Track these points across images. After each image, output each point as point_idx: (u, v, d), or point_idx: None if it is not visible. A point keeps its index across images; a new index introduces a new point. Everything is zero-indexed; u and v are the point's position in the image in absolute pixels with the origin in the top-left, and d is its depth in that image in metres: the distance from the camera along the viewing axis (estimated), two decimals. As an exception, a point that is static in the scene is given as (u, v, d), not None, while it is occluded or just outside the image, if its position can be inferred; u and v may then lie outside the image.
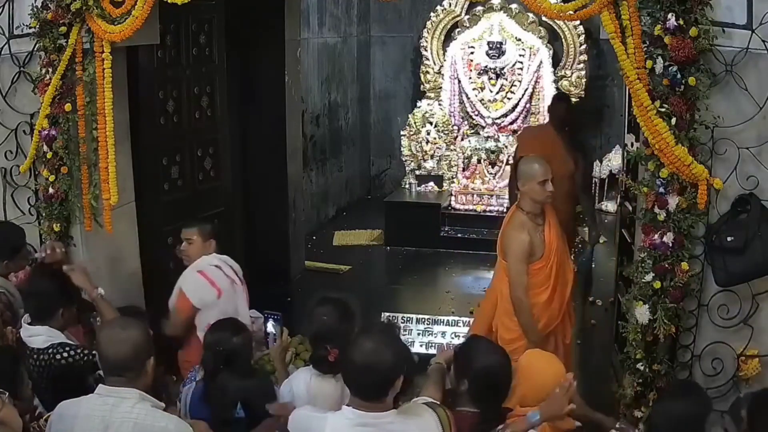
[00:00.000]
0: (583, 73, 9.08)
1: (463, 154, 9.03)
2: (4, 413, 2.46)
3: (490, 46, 8.92)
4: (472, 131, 9.23)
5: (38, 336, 3.37)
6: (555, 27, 9.01)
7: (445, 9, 9.35)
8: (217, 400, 3.26)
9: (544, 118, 8.90)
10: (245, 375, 3.34)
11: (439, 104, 9.24)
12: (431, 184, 9.21)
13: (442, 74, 9.30)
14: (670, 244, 3.50)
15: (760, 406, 2.83)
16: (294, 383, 3.23)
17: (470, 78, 9.12)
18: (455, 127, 9.25)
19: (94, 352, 3.26)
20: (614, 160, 9.16)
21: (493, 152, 8.94)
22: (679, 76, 3.34)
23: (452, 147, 9.14)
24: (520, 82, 8.96)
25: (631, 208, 4.78)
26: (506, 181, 8.82)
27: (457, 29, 9.34)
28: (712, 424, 3.23)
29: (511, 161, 8.87)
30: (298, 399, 3.12)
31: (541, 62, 8.88)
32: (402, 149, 9.35)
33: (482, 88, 9.11)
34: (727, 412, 3.05)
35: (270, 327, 3.84)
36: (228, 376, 3.28)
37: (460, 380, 2.96)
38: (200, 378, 3.43)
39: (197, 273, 4.08)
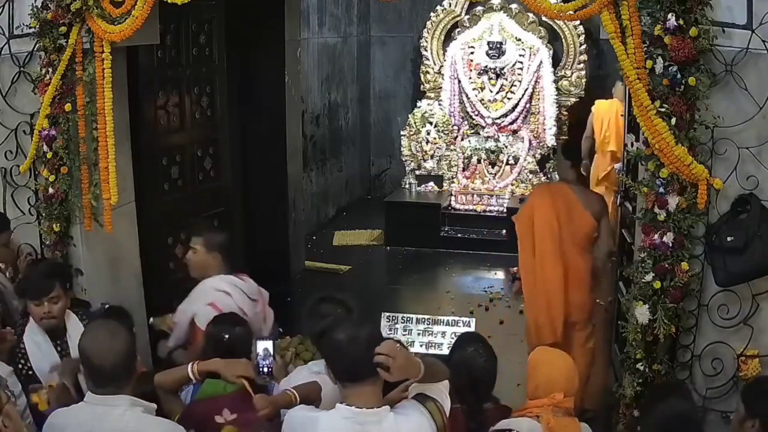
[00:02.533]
0: (583, 73, 9.07)
1: (463, 154, 9.04)
2: (8, 408, 2.46)
3: (490, 46, 8.92)
4: (472, 131, 9.23)
5: None
6: (555, 27, 9.01)
7: (445, 9, 9.35)
8: None
9: (544, 118, 8.93)
10: None
11: (439, 104, 9.23)
12: (431, 184, 9.21)
13: (442, 74, 9.29)
14: (670, 244, 3.50)
15: (759, 392, 2.85)
16: (294, 381, 3.22)
17: (470, 78, 9.12)
18: (455, 127, 9.25)
19: None
20: (614, 160, 9.17)
21: (493, 152, 8.94)
22: (679, 76, 3.34)
23: (452, 147, 9.14)
24: (520, 82, 8.96)
25: (631, 208, 4.78)
26: (506, 181, 8.87)
27: (457, 29, 9.34)
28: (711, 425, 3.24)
29: (511, 161, 8.94)
30: None
31: (541, 62, 8.88)
32: (402, 149, 9.35)
33: (482, 88, 9.10)
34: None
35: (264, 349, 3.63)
36: None
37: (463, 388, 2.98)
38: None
39: (208, 306, 3.77)
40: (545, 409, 2.89)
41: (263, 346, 3.31)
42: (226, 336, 3.31)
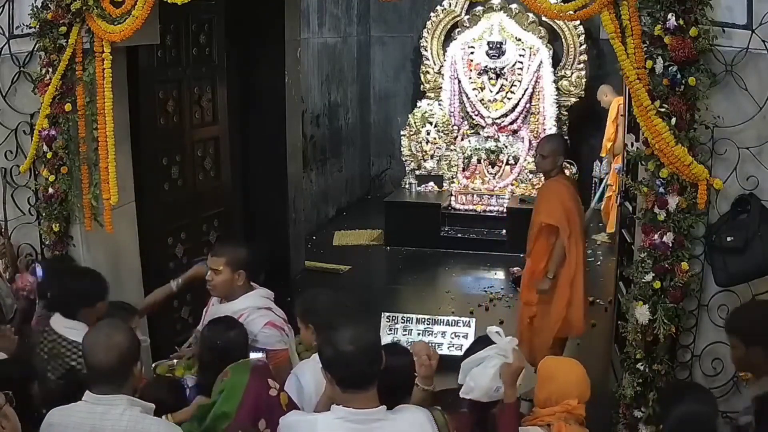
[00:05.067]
0: (583, 73, 9.08)
1: (463, 154, 9.04)
2: (6, 409, 2.47)
3: (490, 46, 8.92)
4: (472, 131, 9.22)
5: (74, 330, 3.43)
6: (555, 27, 9.01)
7: (445, 9, 9.35)
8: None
9: (544, 118, 8.94)
10: None
11: (439, 104, 9.23)
12: (431, 184, 9.21)
13: (442, 74, 9.30)
14: (670, 244, 3.50)
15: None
16: (300, 374, 3.20)
17: (470, 78, 9.12)
18: (455, 127, 9.25)
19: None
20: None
21: (493, 152, 8.94)
22: (679, 76, 3.34)
23: (452, 147, 9.14)
24: (520, 82, 8.96)
25: (631, 208, 4.78)
26: (506, 181, 8.87)
27: (457, 29, 9.34)
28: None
29: (511, 161, 8.94)
30: (306, 390, 3.09)
31: (541, 62, 8.88)
32: (402, 149, 9.35)
33: (482, 88, 9.10)
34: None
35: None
36: (223, 370, 3.25)
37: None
38: (193, 383, 3.41)
39: (266, 328, 3.59)
40: (557, 417, 2.88)
41: (256, 357, 3.32)
42: (220, 342, 3.30)
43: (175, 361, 3.88)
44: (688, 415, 2.75)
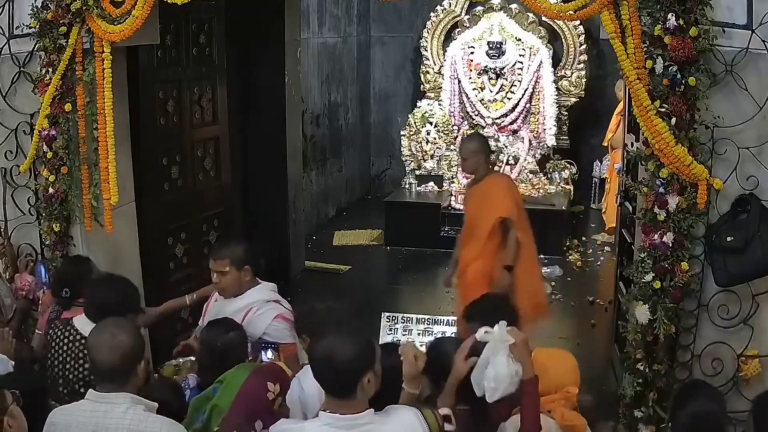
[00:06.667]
0: (583, 73, 9.07)
1: (463, 154, 9.02)
2: (13, 408, 2.47)
3: (490, 46, 8.91)
4: (472, 131, 9.22)
5: None
6: (555, 27, 9.01)
7: (445, 9, 9.35)
8: None
9: (544, 118, 8.94)
10: None
11: (439, 104, 9.23)
12: (431, 184, 9.21)
13: (442, 74, 9.29)
14: (670, 244, 3.50)
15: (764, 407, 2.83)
16: (302, 378, 3.20)
17: (470, 78, 9.11)
18: (455, 127, 9.24)
19: None
20: (614, 160, 9.16)
21: (493, 152, 8.93)
22: (679, 76, 3.35)
23: (452, 147, 9.13)
24: (520, 82, 8.95)
25: (631, 208, 4.78)
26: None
27: (457, 29, 9.34)
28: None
29: (511, 161, 8.94)
30: (308, 392, 3.09)
31: (541, 62, 8.87)
32: (402, 149, 9.35)
33: (482, 88, 9.10)
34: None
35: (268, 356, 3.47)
36: (222, 371, 3.26)
37: (439, 384, 2.96)
38: (194, 384, 3.41)
39: (276, 321, 3.62)
40: (557, 404, 2.96)
41: (266, 356, 3.32)
42: (219, 343, 3.30)
43: (181, 360, 3.88)
44: (697, 413, 2.76)
